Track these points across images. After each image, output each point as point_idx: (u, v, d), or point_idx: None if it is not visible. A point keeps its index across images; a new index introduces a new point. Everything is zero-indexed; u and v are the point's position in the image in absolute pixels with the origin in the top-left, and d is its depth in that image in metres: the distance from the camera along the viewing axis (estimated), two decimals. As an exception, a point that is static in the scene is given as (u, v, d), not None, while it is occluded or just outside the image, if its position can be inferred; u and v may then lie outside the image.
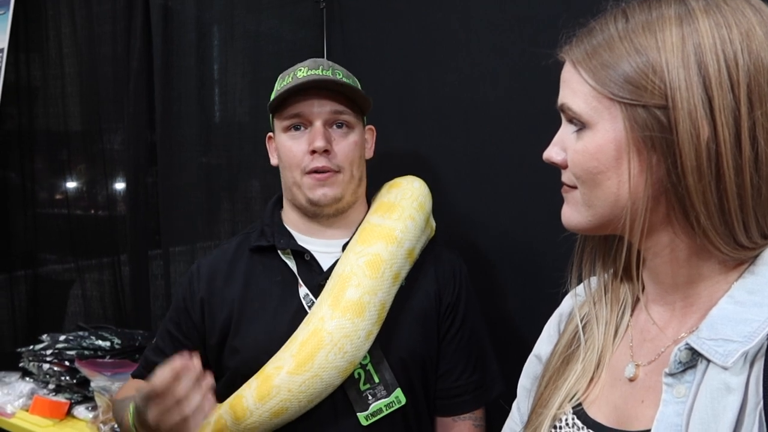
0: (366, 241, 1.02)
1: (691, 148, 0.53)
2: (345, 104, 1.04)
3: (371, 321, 0.97)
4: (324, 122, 1.03)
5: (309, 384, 0.94)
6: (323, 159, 1.02)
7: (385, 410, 1.00)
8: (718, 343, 0.53)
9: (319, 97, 1.03)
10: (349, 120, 1.05)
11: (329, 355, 0.94)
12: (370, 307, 0.96)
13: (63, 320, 2.10)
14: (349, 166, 1.04)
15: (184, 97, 1.69)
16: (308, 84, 1.02)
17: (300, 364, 0.94)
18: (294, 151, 1.04)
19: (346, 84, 1.03)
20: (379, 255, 0.99)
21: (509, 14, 1.20)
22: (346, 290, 0.97)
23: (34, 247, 2.17)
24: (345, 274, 0.99)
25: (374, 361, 1.01)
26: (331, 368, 0.94)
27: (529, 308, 1.17)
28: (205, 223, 1.70)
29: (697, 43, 0.53)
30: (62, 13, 2.01)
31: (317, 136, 1.01)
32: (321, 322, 0.96)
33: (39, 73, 2.11)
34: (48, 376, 1.65)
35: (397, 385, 1.01)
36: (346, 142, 1.04)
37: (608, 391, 0.64)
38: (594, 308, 0.68)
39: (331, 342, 0.94)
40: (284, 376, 0.95)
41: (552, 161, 0.63)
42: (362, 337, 0.96)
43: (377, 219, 1.05)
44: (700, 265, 0.58)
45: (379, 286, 0.98)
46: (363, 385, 1.00)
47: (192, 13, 1.66)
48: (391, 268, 1.00)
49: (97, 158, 1.98)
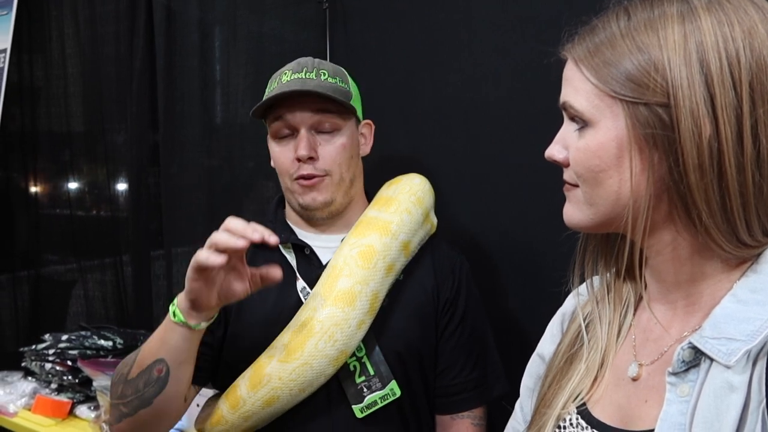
0: (361, 233, 1.02)
1: (693, 146, 0.53)
2: (330, 107, 1.03)
3: (363, 311, 0.97)
4: (309, 127, 1.03)
5: (299, 372, 0.95)
6: (309, 167, 1.02)
7: (380, 402, 1.00)
8: (721, 342, 0.53)
9: (302, 103, 1.02)
10: (335, 122, 1.04)
11: (319, 344, 0.95)
12: (361, 296, 0.97)
13: (65, 320, 2.10)
14: (337, 168, 1.04)
15: (186, 97, 1.70)
16: (288, 93, 1.01)
17: (290, 352, 0.95)
18: (282, 159, 1.05)
19: (323, 94, 1.01)
20: (372, 246, 1.00)
21: (511, 14, 1.20)
22: (338, 280, 0.98)
23: (37, 248, 2.18)
24: (338, 265, 1.00)
25: (369, 353, 1.01)
26: (321, 356, 0.95)
27: (531, 308, 1.16)
28: (207, 224, 1.70)
29: (700, 41, 0.53)
30: (65, 14, 2.02)
31: (300, 143, 1.02)
32: (313, 311, 0.97)
33: (42, 74, 2.11)
34: (50, 376, 1.66)
35: (392, 377, 1.01)
36: (332, 146, 1.04)
37: (612, 390, 0.63)
38: (597, 307, 0.67)
39: (321, 330, 0.95)
40: (275, 364, 0.96)
41: (554, 159, 0.63)
42: (353, 326, 0.96)
43: (374, 212, 1.06)
44: (703, 263, 0.58)
45: (371, 277, 0.98)
46: (358, 378, 1.01)
47: (195, 13, 1.67)
48: (384, 259, 1.00)
49: (99, 159, 1.98)
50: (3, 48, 2.03)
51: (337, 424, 1.01)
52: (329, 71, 1.06)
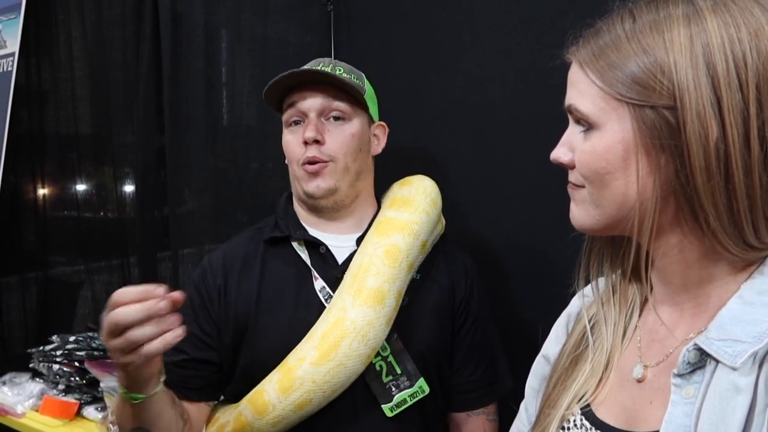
0: (383, 233, 1.03)
1: (699, 148, 0.52)
2: (341, 95, 1.05)
3: (391, 307, 0.98)
4: (318, 114, 1.05)
5: (333, 373, 0.95)
6: (314, 149, 1.03)
7: (410, 400, 1.01)
8: (727, 344, 0.53)
9: (313, 89, 1.05)
10: (345, 110, 1.06)
11: (353, 344, 0.95)
12: (389, 294, 0.98)
13: (72, 322, 2.11)
14: (342, 156, 1.04)
15: (192, 100, 1.71)
16: (296, 75, 1.04)
17: (324, 354, 0.95)
18: (292, 145, 1.06)
19: (329, 74, 1.03)
20: (396, 245, 1.01)
21: (514, 15, 1.20)
22: (367, 279, 0.98)
23: (44, 249, 2.19)
24: (364, 264, 1.00)
25: (395, 352, 1.01)
26: (355, 356, 0.95)
27: (537, 309, 1.17)
28: (213, 225, 1.71)
29: (706, 43, 0.53)
30: (72, 17, 2.03)
31: (308, 126, 1.03)
32: (343, 311, 0.97)
33: (49, 77, 2.13)
34: (58, 377, 1.67)
35: (419, 375, 1.01)
36: (340, 132, 1.05)
37: (616, 391, 0.63)
38: (602, 309, 0.67)
39: (354, 330, 0.95)
40: (307, 367, 0.95)
41: (559, 162, 0.63)
42: (383, 324, 0.97)
43: (393, 213, 1.06)
44: (710, 266, 0.57)
45: (397, 275, 1.00)
46: (385, 377, 1.01)
47: (200, 17, 1.68)
48: (408, 258, 1.01)
49: (106, 161, 1.99)
50: (11, 51, 2.04)
51: (365, 424, 1.01)
52: (345, 69, 1.08)
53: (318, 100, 1.04)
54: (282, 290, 1.05)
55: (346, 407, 1.00)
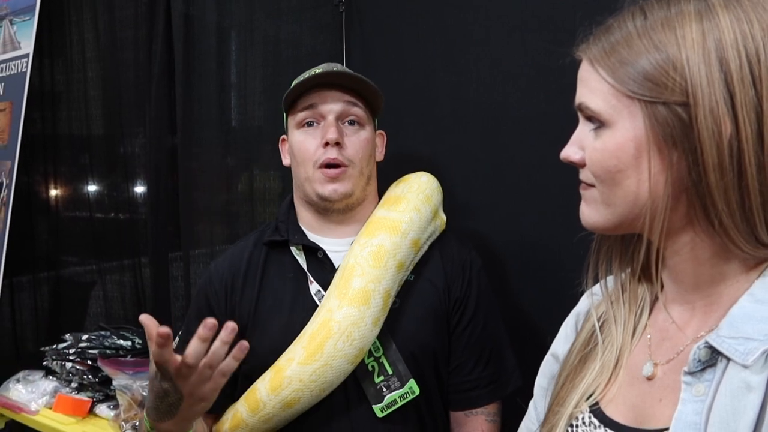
0: (371, 233, 1.04)
1: (712, 145, 0.52)
2: (359, 101, 1.07)
3: (377, 308, 0.99)
4: (336, 117, 1.05)
5: (320, 373, 0.96)
6: (335, 151, 1.03)
7: (400, 401, 1.01)
8: (739, 342, 0.53)
9: (333, 93, 1.06)
10: (361, 116, 1.07)
11: (338, 344, 0.96)
12: (375, 294, 0.98)
13: (84, 321, 2.13)
14: (359, 161, 1.06)
15: (204, 101, 1.72)
16: (322, 76, 1.05)
17: (310, 354, 0.97)
18: (306, 145, 1.06)
19: (357, 76, 1.05)
20: (382, 246, 1.01)
21: (527, 15, 1.20)
22: (352, 280, 0.99)
23: (57, 250, 2.21)
24: (350, 266, 1.01)
25: (387, 353, 1.02)
26: (340, 356, 0.96)
27: (546, 308, 1.16)
28: (224, 226, 1.72)
29: (718, 39, 0.52)
30: (85, 19, 2.05)
31: (330, 128, 1.04)
32: (329, 312, 0.98)
33: (62, 78, 2.14)
34: (71, 375, 1.68)
35: (410, 376, 1.01)
36: (357, 137, 1.06)
37: (626, 390, 0.63)
38: (612, 307, 0.67)
39: (339, 330, 0.96)
40: (295, 366, 0.97)
41: (570, 160, 0.62)
42: (369, 324, 0.98)
43: (383, 212, 1.07)
44: (722, 264, 0.57)
45: (383, 275, 1.00)
46: (377, 378, 1.01)
47: (212, 18, 1.69)
48: (395, 257, 1.01)
49: (118, 162, 2.01)
50: (26, 53, 2.06)
51: (356, 423, 1.02)
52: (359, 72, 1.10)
53: (339, 103, 1.05)
54: (279, 295, 1.07)
55: (338, 406, 1.02)
